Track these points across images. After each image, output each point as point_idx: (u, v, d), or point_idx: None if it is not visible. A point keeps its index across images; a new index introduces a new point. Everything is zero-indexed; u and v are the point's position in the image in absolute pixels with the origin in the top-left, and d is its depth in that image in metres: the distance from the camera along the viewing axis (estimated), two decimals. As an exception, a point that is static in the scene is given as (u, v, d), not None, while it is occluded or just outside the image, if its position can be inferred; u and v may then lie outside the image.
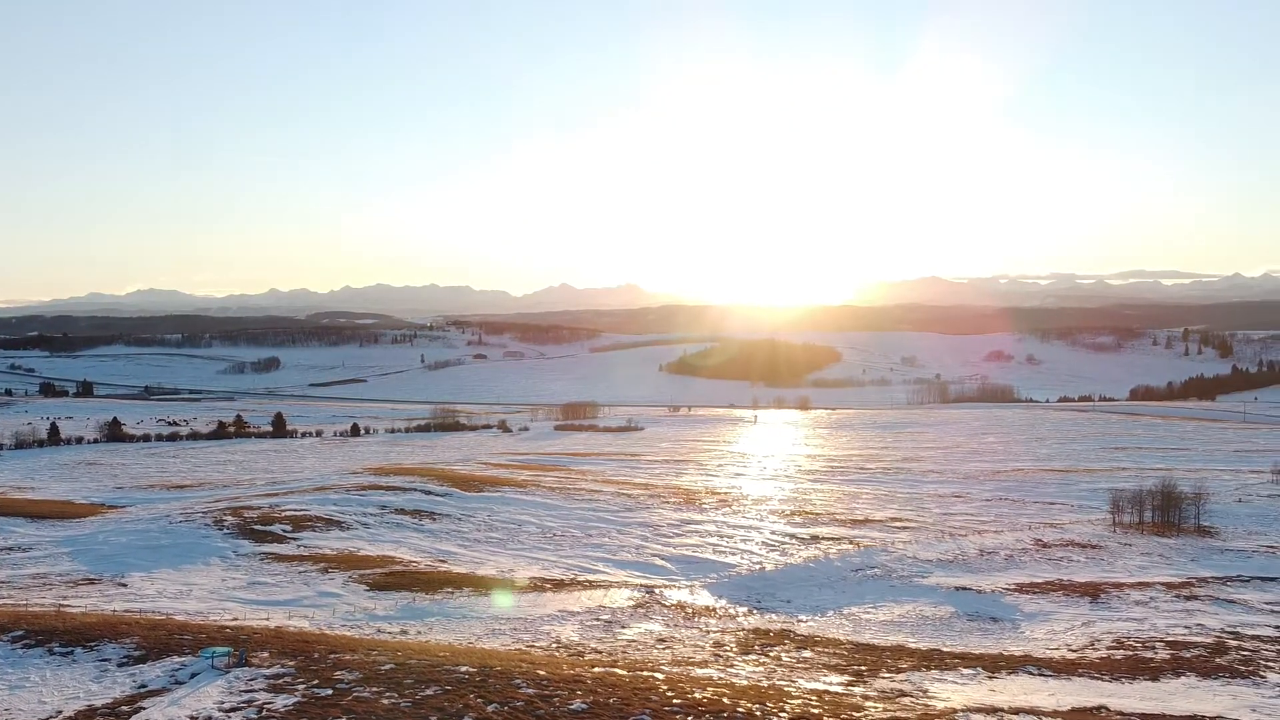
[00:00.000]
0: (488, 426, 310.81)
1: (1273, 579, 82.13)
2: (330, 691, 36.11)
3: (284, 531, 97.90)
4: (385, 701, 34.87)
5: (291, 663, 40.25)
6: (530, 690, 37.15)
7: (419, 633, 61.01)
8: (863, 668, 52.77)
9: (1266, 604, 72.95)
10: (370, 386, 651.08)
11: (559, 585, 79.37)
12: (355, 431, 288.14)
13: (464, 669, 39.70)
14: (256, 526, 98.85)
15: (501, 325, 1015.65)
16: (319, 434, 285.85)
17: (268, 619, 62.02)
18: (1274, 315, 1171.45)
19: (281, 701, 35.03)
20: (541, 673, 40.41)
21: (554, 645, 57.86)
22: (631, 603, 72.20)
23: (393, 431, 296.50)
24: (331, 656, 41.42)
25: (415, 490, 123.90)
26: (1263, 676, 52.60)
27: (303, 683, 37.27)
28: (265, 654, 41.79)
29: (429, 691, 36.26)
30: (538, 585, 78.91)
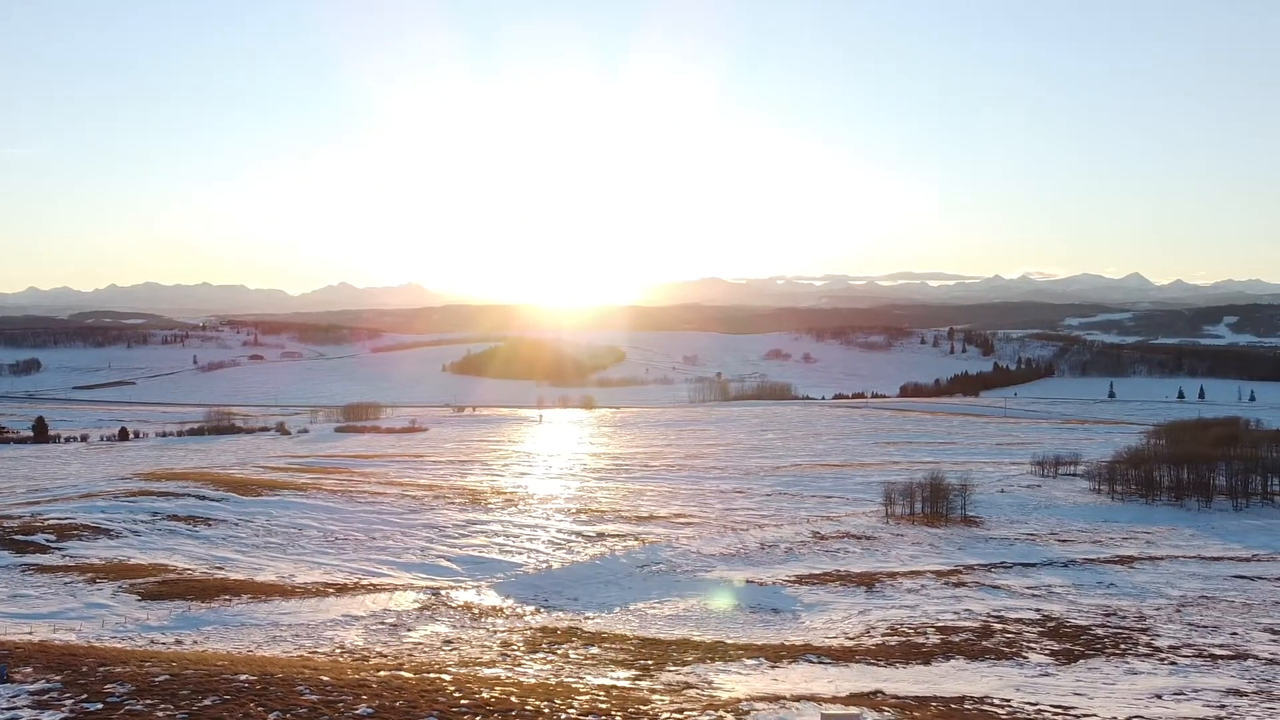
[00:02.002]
0: (266, 429, 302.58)
1: (1033, 565, 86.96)
2: (100, 706, 34.52)
3: (47, 541, 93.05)
4: (160, 714, 33.53)
5: (58, 677, 38.28)
6: (314, 697, 36.32)
7: (195, 642, 58.91)
8: (649, 662, 53.44)
9: (1028, 589, 77.14)
10: (140, 389, 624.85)
11: (342, 590, 77.87)
12: (124, 435, 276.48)
13: (244, 678, 38.55)
14: (17, 536, 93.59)
15: (279, 325, 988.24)
16: (84, 439, 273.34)
17: (31, 633, 58.90)
18: (1031, 315, 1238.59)
19: (48, 718, 33.34)
20: (325, 679, 39.58)
21: (338, 650, 56.73)
22: (417, 605, 71.37)
23: (165, 435, 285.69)
24: (101, 669, 39.58)
25: (189, 496, 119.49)
26: (1025, 657, 55.56)
27: (70, 698, 35.50)
28: (29, 669, 39.64)
29: (207, 702, 35.06)
30: (320, 590, 77.22)
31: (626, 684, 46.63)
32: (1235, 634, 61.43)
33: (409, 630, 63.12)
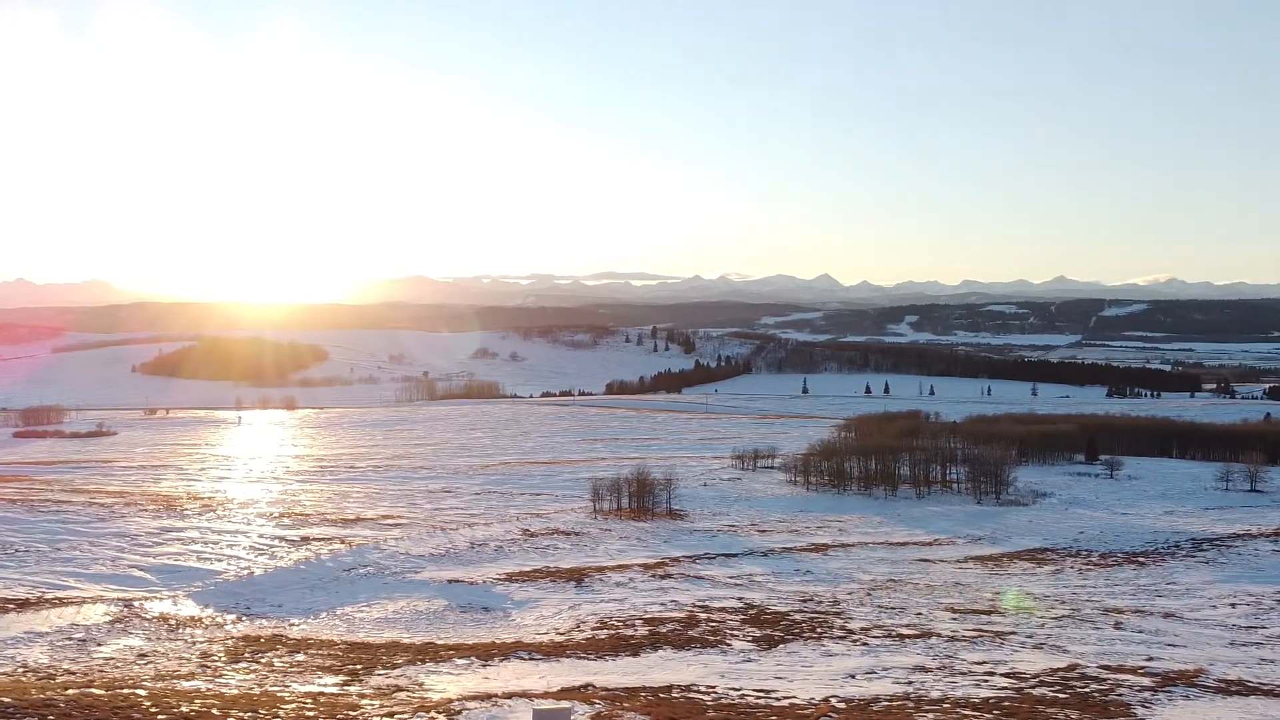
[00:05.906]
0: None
1: (734, 555, 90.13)
2: None
3: None
4: None
5: None
6: (-6, 720, 34.00)
7: None
8: (358, 666, 52.46)
9: (730, 578, 79.84)
10: None
11: (23, 605, 72.79)
12: None
13: (-88, 704, 35.67)
14: None
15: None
16: None
17: None
18: (729, 314, 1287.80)
19: None
20: (6, 700, 37.02)
21: (20, 670, 53.09)
22: (108, 618, 67.50)
23: None
24: None
25: None
26: (729, 645, 57.46)
27: None
28: None
29: None
30: (-2, 607, 72.05)
31: (335, 690, 45.66)
32: (920, 614, 65.42)
33: (99, 645, 59.65)
